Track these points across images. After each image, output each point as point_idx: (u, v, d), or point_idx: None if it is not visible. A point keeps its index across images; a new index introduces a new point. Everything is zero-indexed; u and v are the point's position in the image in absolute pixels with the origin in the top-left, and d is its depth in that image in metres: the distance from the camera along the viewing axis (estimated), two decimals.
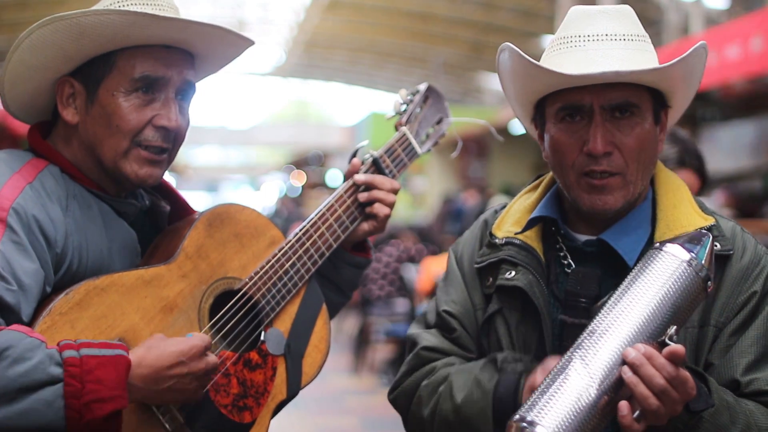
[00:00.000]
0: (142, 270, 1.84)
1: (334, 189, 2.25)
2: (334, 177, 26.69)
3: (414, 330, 2.05)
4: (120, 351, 1.66)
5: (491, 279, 1.95)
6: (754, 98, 11.61)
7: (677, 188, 1.94)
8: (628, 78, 1.78)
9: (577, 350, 1.61)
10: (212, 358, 1.78)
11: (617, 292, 1.67)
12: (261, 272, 2.01)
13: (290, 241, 2.08)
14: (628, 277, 1.68)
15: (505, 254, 1.93)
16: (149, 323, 1.80)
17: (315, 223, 2.13)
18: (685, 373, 1.61)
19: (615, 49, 1.80)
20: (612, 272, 1.85)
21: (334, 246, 2.15)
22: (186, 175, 39.45)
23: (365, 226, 2.20)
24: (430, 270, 8.94)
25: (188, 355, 1.72)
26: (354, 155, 2.24)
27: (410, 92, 2.37)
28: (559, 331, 1.85)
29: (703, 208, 1.92)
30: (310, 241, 2.10)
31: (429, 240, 11.57)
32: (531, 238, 1.94)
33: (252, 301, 1.98)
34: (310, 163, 29.97)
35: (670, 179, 1.96)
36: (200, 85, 2.03)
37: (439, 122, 2.39)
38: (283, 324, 2.03)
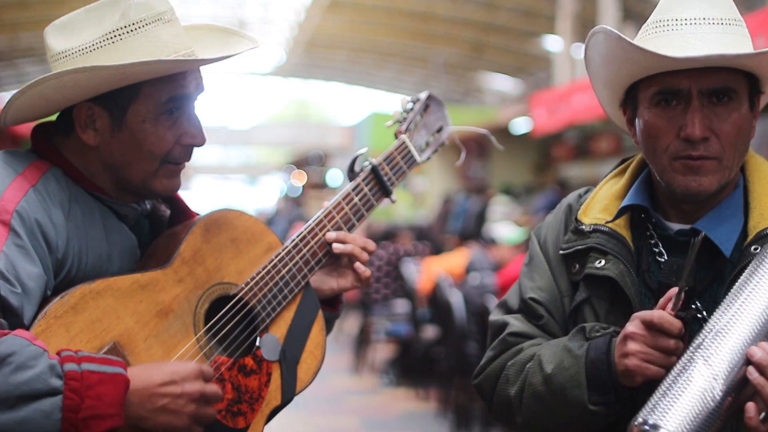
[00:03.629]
0: (137, 274, 1.83)
1: (334, 188, 2.23)
2: (335, 177, 26.66)
3: (497, 316, 2.01)
4: (119, 369, 1.65)
5: (578, 266, 1.92)
6: None
7: None
8: (733, 62, 1.75)
9: (699, 350, 1.56)
10: (211, 387, 1.75)
11: (735, 288, 1.63)
12: (257, 278, 2.00)
13: (287, 247, 2.07)
14: (746, 272, 1.65)
15: (594, 242, 1.89)
16: (144, 327, 1.80)
17: (312, 229, 2.12)
18: None
19: (713, 33, 1.77)
20: (706, 262, 1.82)
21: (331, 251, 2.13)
22: (186, 175, 39.42)
23: (343, 282, 2.14)
24: (431, 270, 8.93)
25: (182, 375, 1.71)
26: (353, 162, 2.23)
27: (411, 100, 2.36)
28: None
29: None
30: (307, 248, 2.09)
31: (424, 238, 11.60)
32: (620, 225, 1.90)
33: (248, 307, 1.98)
34: (310, 162, 29.89)
35: (761, 166, 1.92)
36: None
37: (439, 130, 2.38)
38: (279, 330, 2.02)
